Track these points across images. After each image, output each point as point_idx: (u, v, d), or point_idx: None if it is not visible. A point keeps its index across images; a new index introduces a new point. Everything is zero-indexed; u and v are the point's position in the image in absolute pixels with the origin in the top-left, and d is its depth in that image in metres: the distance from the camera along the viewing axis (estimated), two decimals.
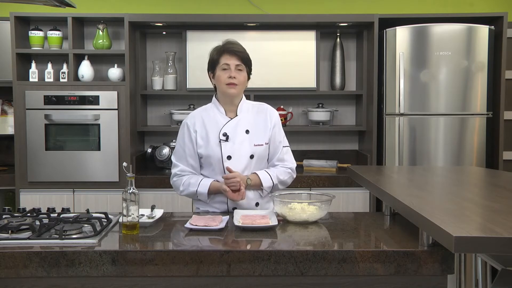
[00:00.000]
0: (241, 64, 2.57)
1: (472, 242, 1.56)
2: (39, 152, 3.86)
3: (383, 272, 1.91)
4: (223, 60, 2.57)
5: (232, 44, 2.60)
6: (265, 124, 2.65)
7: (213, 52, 2.64)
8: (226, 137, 2.58)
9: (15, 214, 2.38)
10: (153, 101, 4.42)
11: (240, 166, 2.56)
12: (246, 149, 2.59)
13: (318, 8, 4.40)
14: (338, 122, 4.45)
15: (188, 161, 2.62)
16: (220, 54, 2.59)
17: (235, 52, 2.56)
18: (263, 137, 2.63)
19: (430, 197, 2.28)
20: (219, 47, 2.62)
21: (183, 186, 2.60)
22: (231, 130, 2.59)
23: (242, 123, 2.62)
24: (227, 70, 2.56)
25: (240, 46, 2.61)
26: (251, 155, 2.59)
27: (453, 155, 3.89)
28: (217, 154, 2.57)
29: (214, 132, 2.60)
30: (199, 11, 4.35)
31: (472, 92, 3.88)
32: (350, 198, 3.90)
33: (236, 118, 2.62)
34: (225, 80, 2.56)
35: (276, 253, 1.91)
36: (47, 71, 3.96)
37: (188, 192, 2.60)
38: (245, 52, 2.60)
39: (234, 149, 2.57)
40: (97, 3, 4.37)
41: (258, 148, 2.61)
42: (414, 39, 3.84)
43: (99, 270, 1.91)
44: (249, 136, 2.61)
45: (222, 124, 2.61)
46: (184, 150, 2.64)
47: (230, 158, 2.57)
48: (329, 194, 2.43)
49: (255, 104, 2.73)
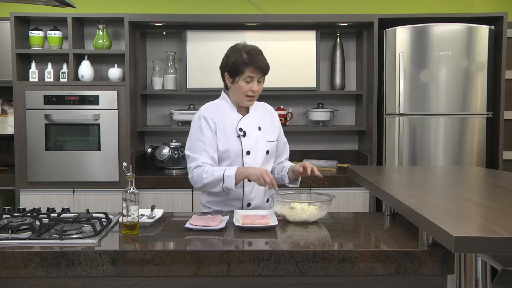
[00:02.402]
0: (262, 76, 2.60)
1: (472, 242, 1.56)
2: (39, 152, 3.86)
3: (383, 272, 1.91)
4: (248, 72, 2.54)
5: (257, 56, 2.56)
6: (272, 122, 2.74)
7: (237, 58, 2.55)
8: (243, 132, 2.61)
9: (15, 214, 2.38)
10: (153, 101, 4.42)
11: (258, 161, 2.61)
12: (262, 145, 2.65)
13: (318, 8, 4.40)
14: (338, 122, 4.45)
15: (209, 153, 2.56)
16: (246, 65, 2.53)
17: (260, 66, 2.55)
18: (273, 135, 2.71)
19: (430, 197, 2.28)
20: (242, 56, 2.55)
21: (206, 173, 2.49)
22: (246, 126, 2.63)
23: (254, 120, 2.67)
24: (250, 83, 2.56)
25: (262, 57, 2.59)
26: (267, 151, 2.66)
27: (453, 155, 3.89)
28: (237, 148, 2.59)
29: (231, 127, 2.62)
30: (199, 11, 4.35)
31: (472, 92, 3.88)
32: (350, 198, 3.90)
33: (248, 115, 2.67)
34: (247, 92, 2.57)
35: (276, 253, 1.91)
36: (47, 71, 3.96)
37: (212, 178, 2.48)
38: (267, 63, 2.59)
39: (252, 144, 2.62)
40: (97, 3, 4.37)
41: (271, 145, 2.69)
42: (414, 39, 3.84)
43: (99, 270, 1.91)
44: (262, 132, 2.66)
45: (236, 120, 2.63)
46: (203, 142, 2.57)
47: (249, 153, 2.60)
48: (329, 194, 2.43)
49: (260, 103, 2.78)
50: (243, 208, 2.62)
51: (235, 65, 2.56)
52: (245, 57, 2.55)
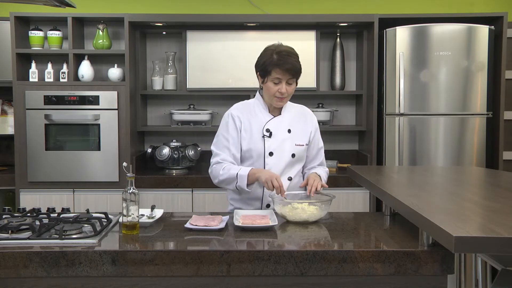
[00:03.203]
0: (292, 78, 2.54)
1: (472, 242, 1.56)
2: (39, 152, 3.86)
3: (383, 272, 1.91)
4: (275, 74, 2.51)
5: (286, 57, 2.50)
6: (305, 125, 2.68)
7: (266, 59, 2.54)
8: (269, 133, 2.59)
9: (15, 214, 2.38)
10: (153, 101, 4.42)
11: (281, 164, 2.59)
12: (288, 148, 2.61)
13: (318, 8, 4.40)
14: (338, 122, 4.45)
15: (231, 150, 2.59)
16: (273, 66, 2.51)
17: (288, 68, 2.50)
18: (304, 138, 2.66)
19: (430, 197, 2.28)
20: (272, 57, 2.52)
21: (223, 170, 2.54)
22: (274, 127, 2.61)
23: (285, 122, 2.64)
24: (278, 84, 2.53)
25: (293, 58, 2.52)
26: (292, 154, 2.61)
27: (453, 155, 3.89)
28: (260, 148, 2.59)
29: (258, 127, 2.61)
30: (199, 11, 4.35)
31: (472, 92, 3.88)
32: (350, 198, 3.90)
33: (280, 116, 2.65)
34: (275, 94, 2.55)
35: (276, 253, 1.91)
36: (47, 71, 3.96)
37: (227, 176, 2.52)
38: (298, 65, 2.53)
39: (277, 146, 2.60)
40: (97, 3, 4.37)
41: (299, 148, 2.63)
42: (414, 39, 3.84)
43: (99, 270, 1.91)
44: (290, 135, 2.63)
45: (265, 120, 2.62)
46: (227, 139, 2.60)
47: (272, 154, 2.59)
48: (329, 194, 2.43)
49: (296, 106, 2.76)
50: (262, 208, 2.61)
51: (264, 66, 2.54)
52: (275, 58, 2.51)
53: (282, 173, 2.58)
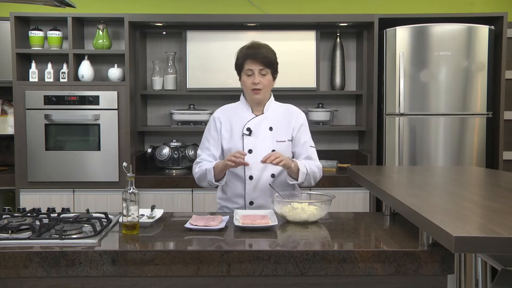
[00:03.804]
0: (265, 69, 2.60)
1: (472, 242, 1.56)
2: (39, 152, 3.86)
3: (383, 272, 1.91)
4: (247, 66, 2.61)
5: (255, 49, 2.61)
6: (289, 122, 2.71)
7: (238, 55, 2.66)
8: (249, 132, 2.65)
9: (15, 214, 2.38)
10: (153, 101, 4.42)
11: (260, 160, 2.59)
12: (268, 144, 2.65)
13: (318, 8, 4.40)
14: (338, 122, 4.45)
15: (211, 150, 2.68)
16: (243, 59, 2.61)
17: (258, 58, 2.58)
18: (286, 134, 2.69)
19: (430, 197, 2.28)
20: (243, 52, 2.63)
21: (198, 168, 2.66)
22: (255, 126, 2.66)
23: (267, 121, 2.68)
24: (251, 76, 2.61)
25: (264, 49, 2.62)
26: (272, 150, 2.64)
27: (453, 155, 3.89)
28: (239, 147, 2.64)
29: (239, 127, 2.67)
30: (199, 11, 4.35)
31: (472, 92, 3.88)
32: (350, 198, 3.90)
33: (262, 115, 2.69)
34: (250, 86, 2.62)
35: (276, 253, 1.91)
36: (47, 71, 3.96)
37: (200, 173, 2.64)
38: (269, 55, 2.62)
39: (256, 143, 2.64)
40: (97, 3, 4.37)
41: (280, 144, 2.66)
42: (414, 39, 3.84)
43: (99, 270, 1.91)
44: (272, 133, 2.67)
45: (247, 120, 2.67)
46: (208, 140, 2.71)
47: (251, 151, 2.63)
48: (329, 194, 2.43)
49: (284, 105, 2.81)
50: (246, 206, 2.66)
51: (237, 62, 2.65)
52: (246, 51, 2.62)
53: (263, 169, 2.61)
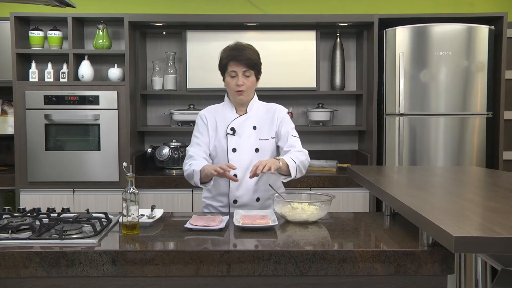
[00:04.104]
0: (248, 70, 2.61)
1: (472, 242, 1.56)
2: (39, 152, 3.86)
3: (383, 272, 1.91)
4: (230, 67, 2.62)
5: (239, 51, 2.61)
6: (272, 120, 2.73)
7: (222, 55, 2.67)
8: (233, 131, 2.66)
9: (15, 214, 2.38)
10: (153, 101, 4.42)
11: (244, 159, 2.63)
12: (252, 143, 2.66)
13: (318, 8, 4.40)
14: (338, 122, 4.45)
15: (201, 146, 2.69)
16: (227, 60, 2.62)
17: (242, 60, 2.59)
18: (269, 132, 2.71)
19: (430, 197, 2.28)
20: (227, 53, 2.64)
21: (188, 166, 2.64)
22: (239, 125, 2.68)
23: (250, 120, 2.70)
24: (235, 78, 2.62)
25: (248, 51, 2.63)
26: (256, 149, 2.66)
27: (453, 155, 3.89)
28: (223, 146, 2.66)
29: (223, 127, 2.69)
30: (199, 11, 4.35)
31: (472, 92, 3.88)
32: (350, 198, 3.90)
33: (246, 115, 2.71)
34: (234, 87, 2.63)
35: (276, 253, 1.91)
36: (47, 71, 3.96)
37: (189, 172, 2.62)
38: (252, 57, 2.62)
39: (240, 142, 2.66)
40: (97, 3, 4.37)
41: (264, 142, 2.68)
42: (414, 39, 3.84)
43: (99, 270, 1.91)
44: (256, 131, 2.69)
45: (231, 120, 2.69)
46: (197, 136, 2.72)
47: (235, 150, 2.65)
48: (329, 194, 2.43)
49: (267, 104, 2.82)
50: (230, 204, 2.66)
51: (221, 63, 2.66)
52: (230, 52, 2.62)
53: (247, 168, 2.60)
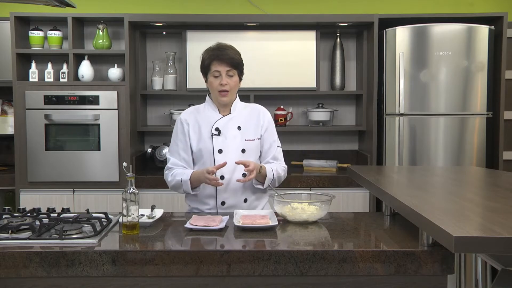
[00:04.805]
0: (232, 70, 2.59)
1: (472, 242, 1.56)
2: (39, 152, 3.86)
3: (383, 272, 1.91)
4: (214, 67, 2.58)
5: (222, 50, 2.59)
6: (257, 121, 2.69)
7: (204, 56, 2.64)
8: (218, 132, 2.62)
9: (15, 214, 2.38)
10: (153, 101, 4.42)
11: (230, 160, 2.58)
12: (238, 144, 2.63)
13: (318, 8, 4.40)
14: (338, 122, 4.45)
15: (181, 155, 2.65)
16: (210, 60, 2.59)
17: (225, 59, 2.57)
18: (255, 133, 2.67)
19: (430, 197, 2.28)
20: (209, 53, 2.61)
21: (171, 177, 2.63)
22: (224, 125, 2.64)
23: (234, 120, 2.66)
24: (218, 77, 2.59)
25: (230, 51, 2.61)
26: (242, 149, 2.63)
27: (453, 155, 3.89)
28: (209, 147, 2.62)
29: (207, 127, 2.65)
30: (199, 11, 4.35)
31: (472, 92, 3.88)
32: (350, 198, 3.90)
33: (229, 115, 2.67)
34: (217, 87, 2.60)
35: (276, 253, 1.91)
36: (47, 71, 3.96)
37: (174, 182, 2.61)
38: (235, 56, 2.60)
39: (226, 143, 2.62)
40: (97, 3, 4.37)
41: (250, 143, 2.65)
42: (414, 39, 3.84)
43: (99, 270, 1.91)
44: (241, 132, 2.65)
45: (215, 120, 2.65)
46: (177, 144, 2.67)
47: (221, 151, 2.61)
48: (329, 194, 2.43)
49: (250, 105, 2.80)
50: (217, 206, 2.63)
51: (204, 64, 2.63)
52: (212, 52, 2.60)
53: (234, 169, 2.58)
